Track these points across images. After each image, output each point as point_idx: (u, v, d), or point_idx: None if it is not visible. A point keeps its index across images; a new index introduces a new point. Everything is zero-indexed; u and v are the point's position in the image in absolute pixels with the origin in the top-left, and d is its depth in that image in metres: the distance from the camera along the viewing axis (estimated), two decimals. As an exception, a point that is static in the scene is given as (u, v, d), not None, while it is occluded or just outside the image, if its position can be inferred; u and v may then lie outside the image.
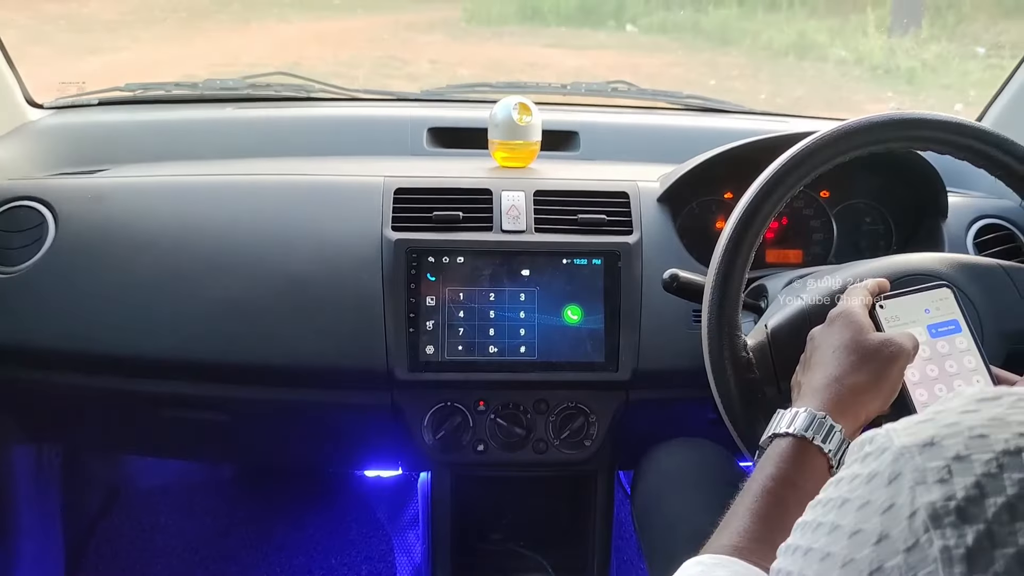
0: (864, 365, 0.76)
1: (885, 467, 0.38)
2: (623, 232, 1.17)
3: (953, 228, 1.22)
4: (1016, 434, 0.35)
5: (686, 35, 6.95)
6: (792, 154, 0.92)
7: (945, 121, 0.92)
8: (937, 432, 0.37)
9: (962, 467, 0.35)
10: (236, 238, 1.15)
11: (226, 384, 1.18)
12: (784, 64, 6.02)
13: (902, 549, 0.35)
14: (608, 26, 7.61)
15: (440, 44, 7.57)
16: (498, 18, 8.43)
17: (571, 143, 1.46)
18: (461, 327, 1.14)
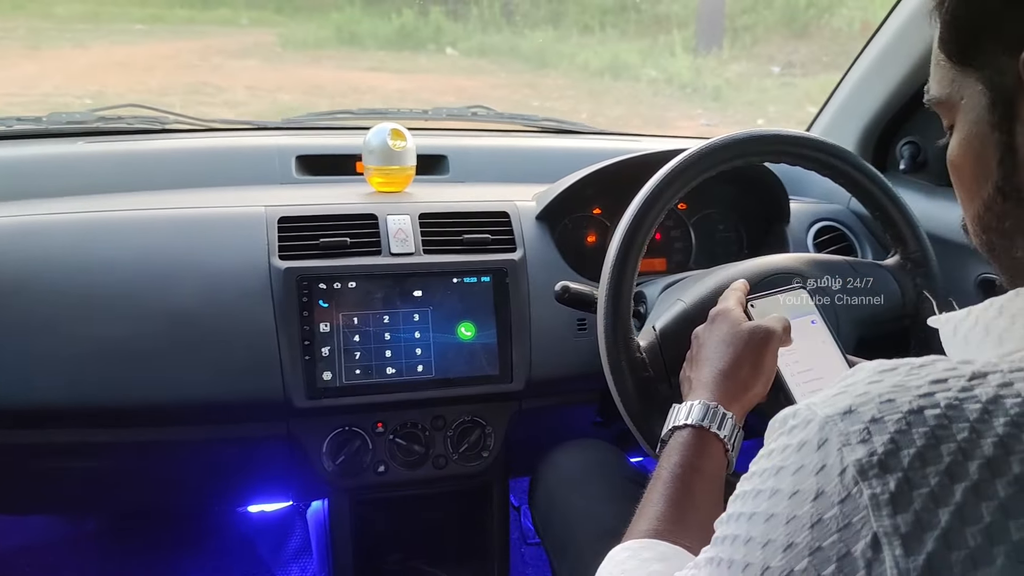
0: (742, 354, 0.86)
1: (813, 435, 0.44)
2: (508, 250, 1.23)
3: (795, 231, 1.36)
4: (916, 396, 0.42)
5: (505, 58, 7.15)
6: (669, 170, 1.01)
7: (798, 136, 1.04)
8: (853, 401, 0.44)
9: (878, 428, 0.42)
10: (113, 276, 1.11)
11: (113, 429, 1.13)
12: (601, 84, 6.34)
13: (837, 501, 0.41)
14: (428, 49, 7.70)
15: (256, 70, 7.38)
16: (315, 43, 8.32)
17: (440, 166, 1.50)
18: (357, 351, 1.15)
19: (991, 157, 0.52)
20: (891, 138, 1.45)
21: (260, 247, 1.16)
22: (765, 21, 6.53)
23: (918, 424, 0.41)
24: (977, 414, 0.40)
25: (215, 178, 1.40)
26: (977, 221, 0.55)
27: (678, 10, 7.03)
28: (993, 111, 0.51)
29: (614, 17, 7.27)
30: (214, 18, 8.84)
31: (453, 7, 8.03)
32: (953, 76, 0.54)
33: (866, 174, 1.07)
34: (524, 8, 7.79)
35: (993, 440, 0.39)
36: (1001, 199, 0.52)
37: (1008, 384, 0.42)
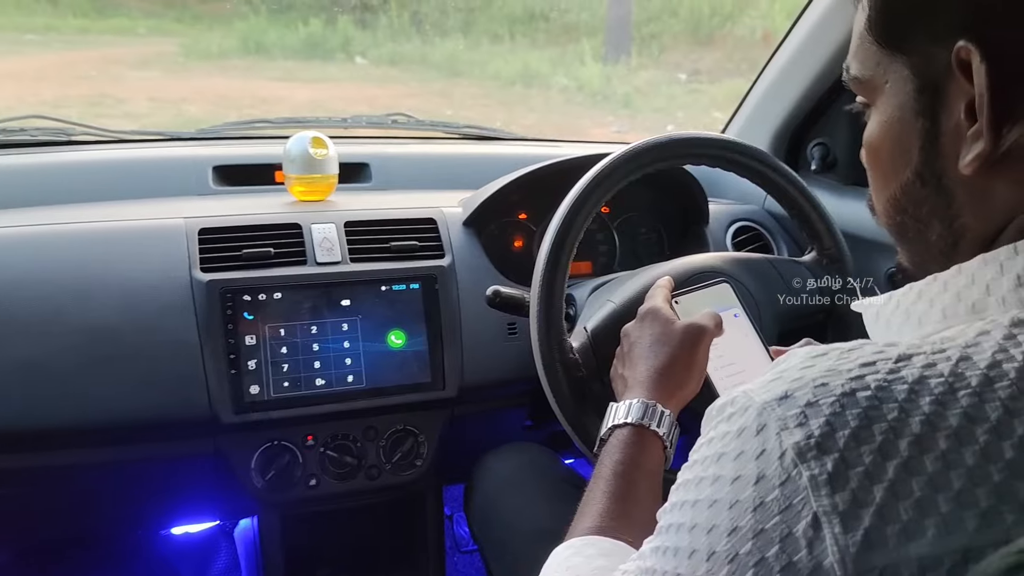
0: (677, 352, 0.88)
1: (751, 421, 0.45)
2: (436, 256, 1.22)
3: (715, 231, 1.40)
4: (848, 379, 0.44)
5: (416, 67, 7.12)
6: (595, 174, 1.02)
7: (717, 139, 1.07)
8: (788, 387, 0.45)
9: (814, 411, 0.43)
10: (28, 293, 1.06)
11: (29, 453, 1.08)
12: (513, 92, 6.38)
13: (778, 484, 0.43)
14: (337, 59, 7.62)
15: (158, 80, 7.16)
16: (219, 52, 8.12)
17: (362, 174, 1.49)
18: (285, 363, 1.13)
19: (912, 143, 0.53)
20: (802, 140, 1.51)
21: (181, 260, 1.13)
22: (671, 30, 6.69)
23: (851, 406, 0.42)
24: (905, 394, 0.42)
25: (129, 191, 1.35)
26: (892, 204, 0.56)
27: (586, 19, 7.14)
28: (919, 98, 0.51)
29: (523, 26, 7.33)
30: (110, 27, 8.54)
31: (361, 16, 7.96)
32: (879, 59, 0.54)
33: (782, 174, 1.11)
34: (433, 17, 7.79)
35: (920, 418, 0.41)
36: (920, 184, 0.53)
37: (931, 365, 0.43)
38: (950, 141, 0.50)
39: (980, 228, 0.52)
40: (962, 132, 0.49)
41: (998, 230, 0.51)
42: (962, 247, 0.53)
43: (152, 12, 8.80)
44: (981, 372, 0.42)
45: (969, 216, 0.52)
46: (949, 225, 0.53)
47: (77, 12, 8.51)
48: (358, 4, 8.08)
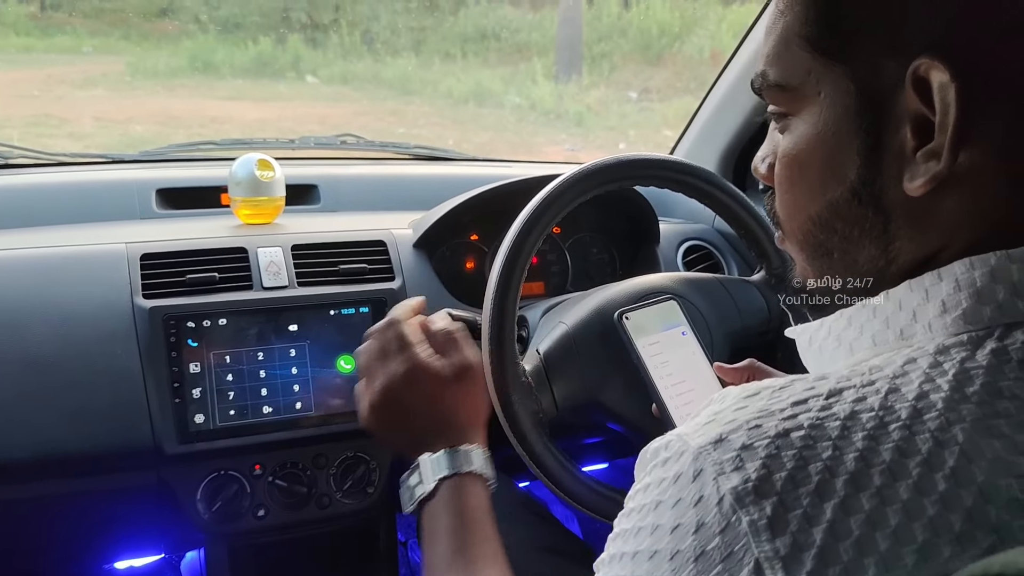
0: (452, 391, 0.86)
1: (687, 466, 0.44)
2: (386, 279, 1.21)
3: (665, 251, 1.40)
4: (781, 420, 0.43)
5: (367, 85, 7.11)
6: (546, 194, 1.02)
7: (666, 160, 1.07)
8: (723, 430, 0.44)
9: (749, 454, 0.42)
10: (-45, 324, 1.02)
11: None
12: (466, 111, 6.39)
13: (718, 532, 0.42)
14: (288, 77, 7.57)
15: (103, 100, 7.04)
16: (167, 71, 8.01)
17: (310, 196, 1.47)
18: (231, 391, 1.10)
19: (848, 159, 0.50)
20: (749, 159, 1.52)
21: (122, 286, 1.10)
22: (621, 49, 6.77)
23: (786, 447, 0.42)
24: (838, 431, 0.42)
25: (69, 215, 1.32)
26: (816, 221, 0.53)
27: (537, 39, 7.19)
28: (861, 112, 0.48)
29: (475, 45, 7.37)
30: (54, 46, 8.38)
31: (312, 35, 7.92)
32: (811, 66, 0.50)
33: (729, 194, 1.12)
34: (384, 36, 7.78)
35: (854, 455, 0.41)
36: (856, 202, 0.50)
37: (862, 399, 0.43)
38: (893, 160, 0.48)
39: (914, 252, 0.50)
40: (906, 151, 0.47)
41: (931, 255, 0.49)
42: (892, 271, 0.51)
43: (98, 31, 8.65)
44: (910, 404, 0.42)
45: (905, 239, 0.50)
46: (884, 248, 0.51)
47: (19, 31, 8.33)
48: (308, 23, 8.05)
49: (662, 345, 0.95)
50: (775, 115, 0.55)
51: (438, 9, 8.06)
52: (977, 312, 0.45)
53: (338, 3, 8.07)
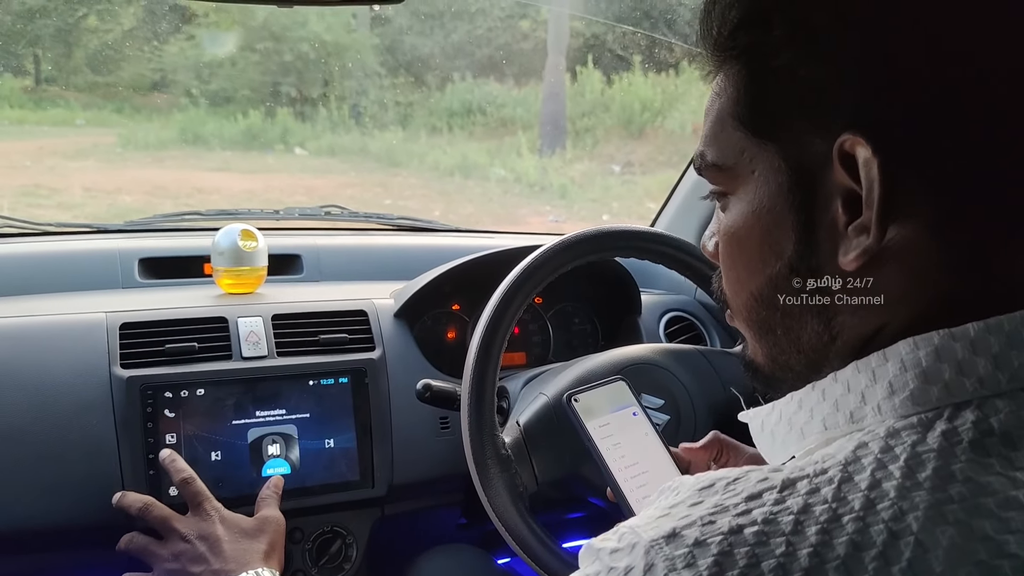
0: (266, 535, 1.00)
1: (638, 560, 0.43)
2: (366, 349, 1.20)
3: (647, 322, 1.41)
4: (734, 515, 0.42)
5: (355, 158, 7.19)
6: (526, 265, 1.03)
7: (646, 232, 1.09)
8: (676, 524, 0.43)
9: (702, 551, 0.41)
10: (-73, 393, 1.01)
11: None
12: (452, 183, 6.47)
13: None
14: (276, 149, 7.65)
15: (94, 171, 7.09)
16: (157, 143, 8.09)
17: (294, 266, 1.47)
18: (207, 462, 1.08)
19: (785, 236, 0.50)
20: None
21: (100, 355, 1.09)
22: (604, 124, 6.90)
23: (739, 544, 0.41)
24: (791, 526, 0.41)
25: (50, 284, 1.31)
26: (757, 298, 0.53)
27: (522, 113, 7.33)
28: (793, 190, 0.48)
29: (461, 119, 7.49)
30: (47, 118, 8.47)
31: (301, 108, 8.05)
32: (744, 146, 0.51)
33: (710, 266, 1.13)
34: (372, 110, 7.91)
35: (808, 551, 0.40)
36: (794, 278, 0.50)
37: (815, 491, 0.42)
38: (827, 235, 0.48)
39: (857, 328, 0.49)
40: (839, 226, 0.47)
41: (876, 329, 0.49)
42: (838, 347, 0.51)
43: (91, 104, 8.75)
44: (863, 494, 0.41)
45: (847, 314, 0.49)
46: (827, 323, 0.50)
47: (14, 103, 8.42)
48: (298, 97, 8.19)
49: (612, 427, 0.93)
50: (716, 194, 0.55)
51: (425, 85, 8.22)
52: (925, 393, 0.45)
53: (327, 78, 8.22)
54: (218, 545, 0.95)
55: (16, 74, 8.49)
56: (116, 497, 1.01)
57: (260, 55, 8.24)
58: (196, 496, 1.00)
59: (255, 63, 8.33)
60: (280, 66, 8.24)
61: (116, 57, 8.83)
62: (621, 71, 7.01)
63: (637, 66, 6.86)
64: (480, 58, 7.89)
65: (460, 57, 8.10)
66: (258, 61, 8.31)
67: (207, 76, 8.49)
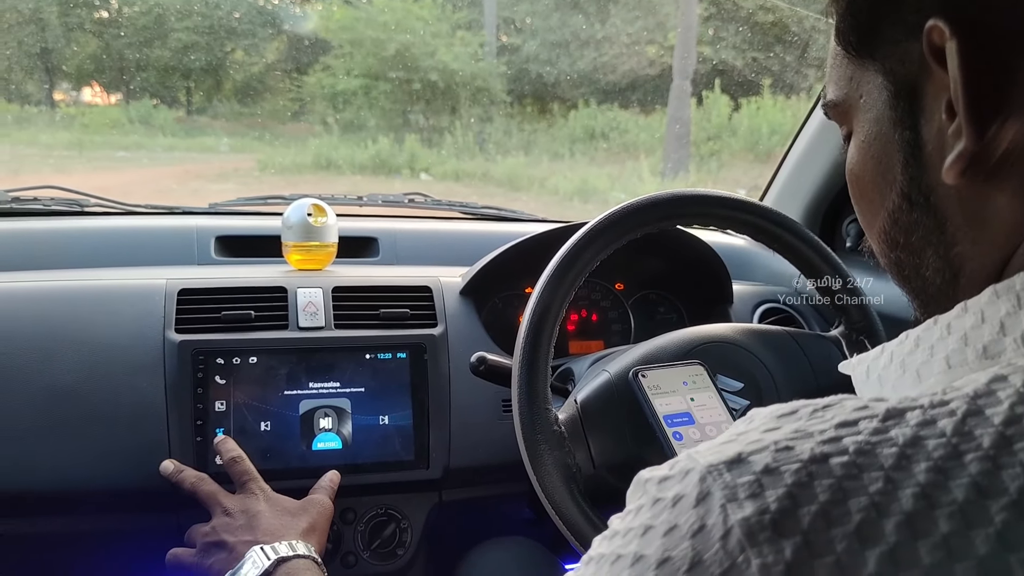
0: (308, 515, 0.95)
1: (691, 488, 0.35)
2: (428, 325, 1.14)
3: (740, 312, 1.29)
4: (819, 442, 0.34)
5: (477, 182, 7.27)
6: (590, 228, 0.94)
7: (726, 198, 0.98)
8: (743, 449, 0.35)
9: (772, 480, 0.33)
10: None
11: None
12: (571, 207, 6.42)
13: (717, 573, 0.32)
14: (403, 174, 7.84)
15: (231, 192, 7.46)
16: (292, 167, 8.46)
17: (370, 249, 1.43)
18: (256, 433, 1.04)
19: (894, 159, 0.46)
20: (837, 215, 1.40)
21: (156, 320, 1.07)
22: (730, 148, 6.71)
23: (822, 475, 0.32)
24: (893, 460, 0.32)
25: (131, 258, 1.32)
26: (883, 238, 0.49)
27: (645, 139, 7.23)
28: (896, 105, 0.45)
29: (583, 145, 7.46)
30: (195, 145, 9.02)
31: (428, 136, 8.24)
32: (851, 72, 0.48)
33: (801, 237, 1.01)
34: (496, 137, 8.01)
35: (913, 491, 0.31)
36: (908, 207, 0.46)
37: (930, 423, 0.33)
38: (935, 149, 0.43)
39: (981, 257, 0.43)
40: (944, 137, 0.42)
41: (1004, 258, 0.42)
42: (962, 283, 0.44)
43: (235, 132, 9.26)
44: (996, 430, 0.32)
45: (967, 243, 0.43)
46: (945, 255, 0.45)
47: (166, 132, 9.01)
48: (426, 125, 8.40)
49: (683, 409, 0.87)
50: (844, 139, 0.52)
51: (550, 113, 8.26)
52: None
53: (454, 106, 8.40)
54: (257, 518, 0.92)
55: (171, 105, 9.09)
56: (167, 466, 0.99)
57: (391, 84, 8.52)
58: (243, 475, 0.97)
59: (386, 92, 8.61)
60: (409, 95, 8.49)
61: (259, 88, 9.32)
62: (750, 95, 6.82)
63: (767, 90, 6.65)
64: (605, 85, 7.86)
65: (585, 84, 8.09)
66: (389, 90, 8.59)
67: (341, 105, 8.84)
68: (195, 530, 0.95)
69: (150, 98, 8.53)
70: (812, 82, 4.61)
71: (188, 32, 7.05)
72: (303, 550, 0.86)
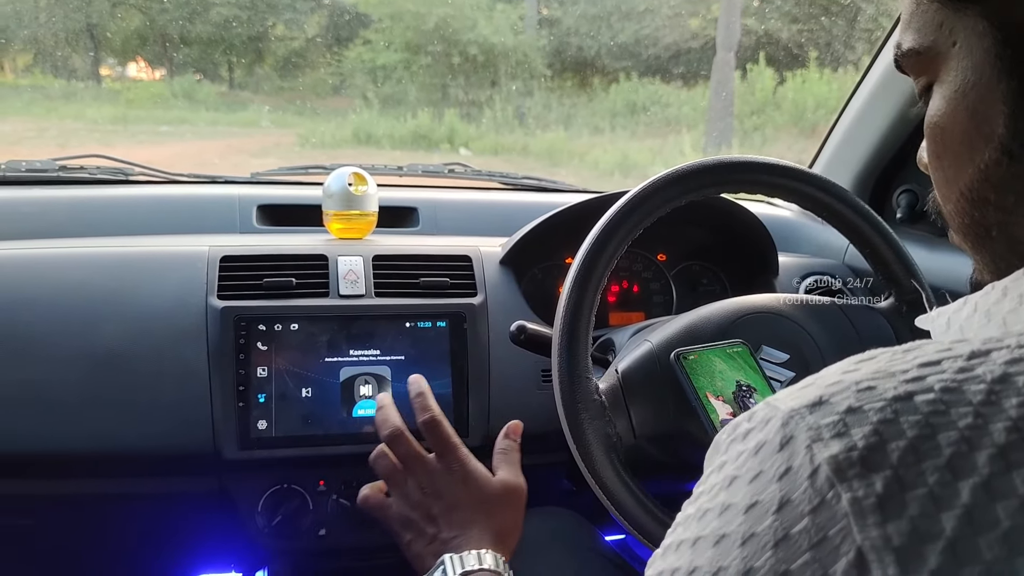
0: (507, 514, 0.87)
1: (774, 434, 0.35)
2: (468, 294, 1.14)
3: (784, 284, 1.26)
4: (903, 381, 0.33)
5: (517, 157, 7.24)
6: (635, 193, 0.92)
7: (774, 164, 0.95)
8: (823, 392, 0.35)
9: (857, 418, 0.33)
10: (33, 316, 1.02)
11: (25, 480, 1.02)
12: (611, 182, 6.37)
13: (808, 511, 0.32)
14: (442, 149, 7.83)
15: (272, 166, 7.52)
16: (332, 142, 8.49)
17: (410, 219, 1.43)
18: (297, 399, 1.05)
19: (995, 112, 0.43)
20: (888, 186, 1.37)
21: (198, 286, 1.08)
22: (774, 122, 6.58)
23: (907, 412, 0.32)
24: (982, 396, 0.32)
25: (174, 226, 1.33)
26: (968, 196, 0.46)
27: (688, 113, 7.13)
28: (1002, 53, 0.43)
29: (624, 120, 7.38)
30: (237, 120, 9.09)
31: (467, 110, 8.21)
32: (942, 18, 0.46)
33: (850, 205, 0.98)
34: (536, 111, 7.95)
35: (1005, 425, 0.31)
36: (1007, 162, 0.43)
37: (1018, 360, 0.33)
38: None
39: None
40: None
41: None
42: None
43: (277, 106, 9.31)
44: None
45: None
46: None
47: (209, 107, 9.09)
48: (465, 100, 8.36)
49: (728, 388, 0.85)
50: (920, 92, 0.50)
51: (590, 86, 8.17)
52: None
53: (494, 80, 8.35)
54: (452, 512, 0.84)
55: (213, 80, 9.16)
56: (383, 399, 0.93)
57: (431, 58, 8.49)
58: (442, 442, 0.88)
59: (426, 66, 8.58)
60: (449, 68, 8.46)
61: (300, 63, 9.35)
62: (795, 68, 6.67)
63: (813, 62, 6.51)
64: (647, 58, 7.75)
65: (626, 57, 7.99)
66: (428, 64, 8.57)
67: (381, 79, 8.83)
68: (394, 478, 0.89)
69: (193, 73, 8.60)
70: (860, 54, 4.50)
71: (229, 6, 7.08)
72: (491, 563, 0.78)
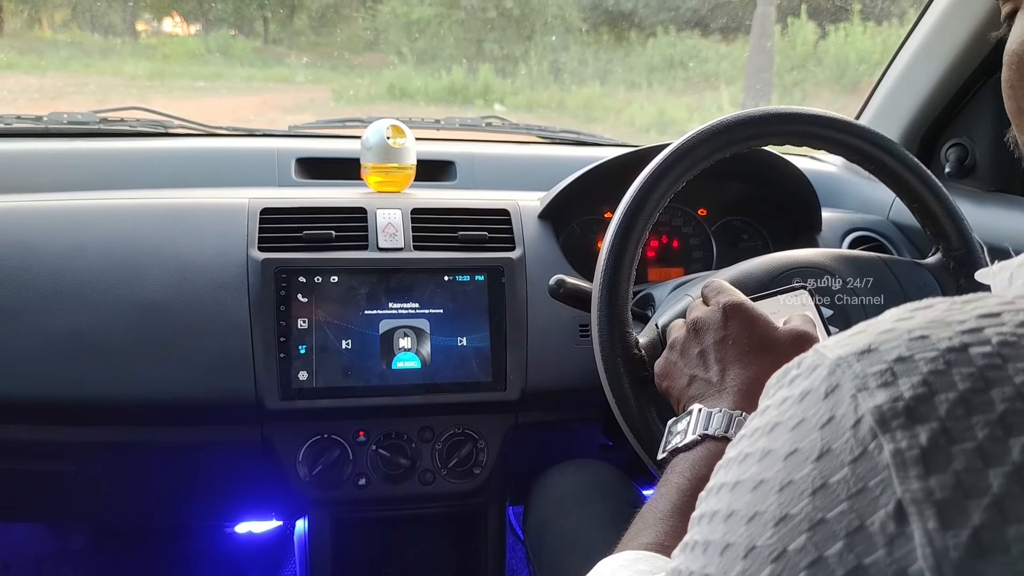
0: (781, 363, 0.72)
1: (820, 382, 0.34)
2: (506, 248, 1.14)
3: (828, 240, 1.24)
4: (958, 332, 0.32)
5: (552, 113, 7.15)
6: (677, 147, 0.91)
7: (820, 115, 0.93)
8: (874, 339, 0.33)
9: (906, 368, 0.31)
10: (81, 265, 1.04)
11: (74, 426, 1.05)
12: (647, 139, 6.29)
13: (848, 461, 0.31)
14: (476, 104, 7.77)
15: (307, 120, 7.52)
16: (367, 98, 8.43)
17: (448, 173, 1.42)
18: (337, 350, 1.06)
19: None
20: (936, 140, 1.33)
21: (239, 238, 1.09)
22: (815, 77, 6.42)
23: (961, 364, 0.30)
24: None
25: (212, 177, 1.35)
26: None
27: (726, 68, 6.98)
28: None
29: (661, 75, 7.25)
30: (272, 76, 9.06)
31: (502, 65, 8.11)
32: None
33: (899, 158, 0.95)
34: (571, 66, 7.84)
35: None
36: None
37: None
38: None
39: None
40: None
41: None
42: None
43: (311, 63, 9.26)
44: None
45: None
46: None
47: (244, 62, 9.08)
48: (500, 55, 8.27)
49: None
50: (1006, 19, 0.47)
51: (627, 41, 8.03)
52: None
53: (529, 34, 8.24)
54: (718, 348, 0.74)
55: (247, 35, 9.13)
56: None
57: (465, 13, 8.38)
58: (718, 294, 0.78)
59: (460, 21, 8.48)
60: (484, 23, 8.35)
61: (334, 18, 9.28)
62: (838, 22, 6.50)
63: (856, 16, 6.33)
64: (685, 11, 7.60)
65: (664, 11, 7.83)
66: (463, 19, 8.46)
67: (415, 34, 8.75)
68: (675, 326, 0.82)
69: (228, 28, 8.60)
70: (905, 7, 4.36)
71: (263, -41, 7.03)
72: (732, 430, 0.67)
